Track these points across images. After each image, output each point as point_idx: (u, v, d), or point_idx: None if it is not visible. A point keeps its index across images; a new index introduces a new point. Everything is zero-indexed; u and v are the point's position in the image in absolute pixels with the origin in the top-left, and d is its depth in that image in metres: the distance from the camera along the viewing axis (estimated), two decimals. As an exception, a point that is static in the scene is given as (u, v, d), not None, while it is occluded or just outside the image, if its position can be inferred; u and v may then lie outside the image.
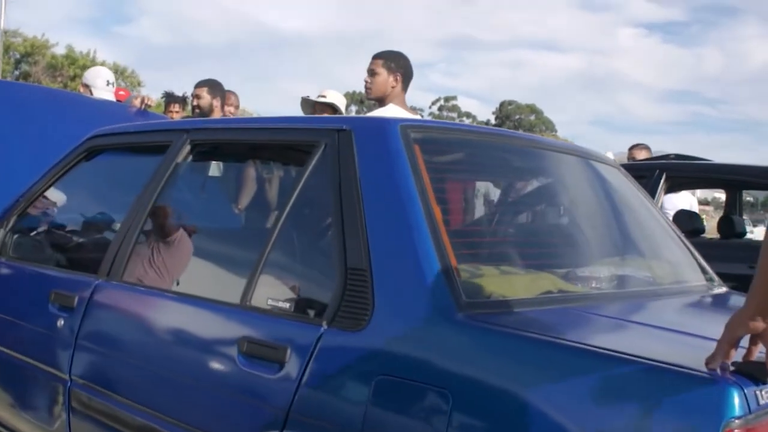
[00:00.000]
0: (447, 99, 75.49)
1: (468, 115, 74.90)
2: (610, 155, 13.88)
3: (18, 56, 42.69)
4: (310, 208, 2.70)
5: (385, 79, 4.33)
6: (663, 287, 2.84)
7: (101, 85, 5.95)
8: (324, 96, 5.80)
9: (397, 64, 4.35)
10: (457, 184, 2.72)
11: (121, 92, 6.84)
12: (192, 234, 3.18)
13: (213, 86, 5.67)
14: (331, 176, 2.39)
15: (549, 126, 72.21)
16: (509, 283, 2.28)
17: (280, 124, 2.81)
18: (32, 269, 3.43)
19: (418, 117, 4.42)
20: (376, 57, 4.40)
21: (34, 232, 3.77)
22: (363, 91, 4.58)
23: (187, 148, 2.94)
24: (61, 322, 2.97)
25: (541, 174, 3.00)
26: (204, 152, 3.01)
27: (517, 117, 73.88)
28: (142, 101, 5.50)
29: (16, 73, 42.10)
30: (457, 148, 2.67)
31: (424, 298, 2.04)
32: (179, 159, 2.94)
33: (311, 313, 2.30)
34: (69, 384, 2.89)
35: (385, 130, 2.39)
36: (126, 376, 2.73)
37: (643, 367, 1.69)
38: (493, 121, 74.20)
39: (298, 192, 2.51)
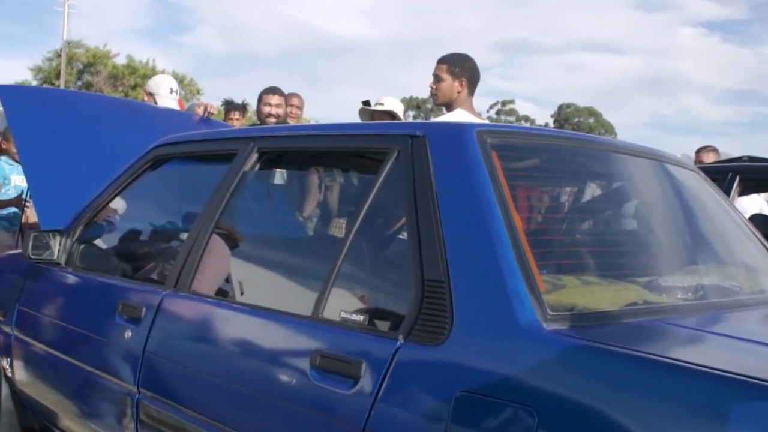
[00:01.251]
0: (504, 103, 74.70)
1: (526, 118, 74.11)
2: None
3: (81, 67, 43.58)
4: (383, 217, 2.62)
5: (450, 84, 4.25)
6: (749, 297, 2.70)
7: (165, 93, 5.95)
8: (382, 103, 5.76)
9: (461, 68, 4.26)
10: (535, 191, 2.62)
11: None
12: (232, 236, 3.11)
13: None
14: (405, 184, 2.31)
15: (608, 129, 71.17)
16: (593, 295, 2.18)
17: (351, 131, 2.74)
18: (99, 280, 3.42)
19: (486, 121, 4.32)
20: (441, 62, 4.31)
21: (101, 242, 3.76)
22: (420, 96, 4.55)
23: (255, 156, 2.89)
24: (128, 334, 2.94)
25: (620, 179, 2.89)
26: (272, 160, 2.96)
27: (576, 120, 72.94)
28: (205, 109, 5.48)
29: (79, 83, 42.98)
30: (534, 154, 2.57)
31: (507, 311, 1.94)
32: (246, 167, 2.89)
33: (386, 326, 2.23)
34: (137, 396, 2.86)
35: (461, 136, 2.31)
36: (195, 390, 2.68)
37: (753, 388, 1.58)
38: (551, 125, 73.43)
39: (370, 201, 2.43)
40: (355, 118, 5.96)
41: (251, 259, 3.08)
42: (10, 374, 3.84)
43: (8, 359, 3.83)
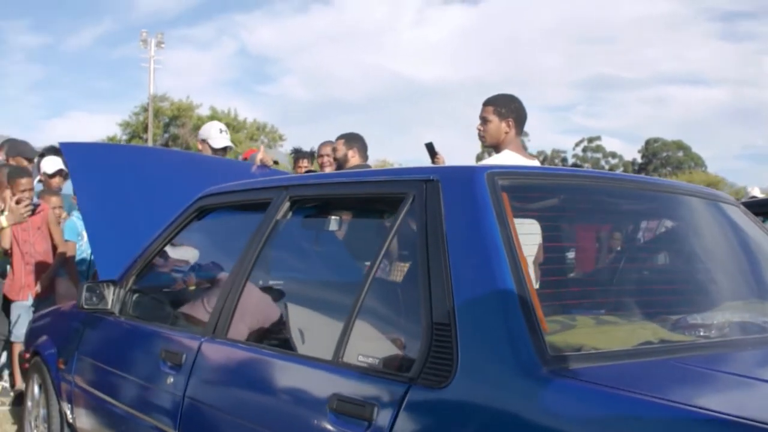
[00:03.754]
0: (590, 140, 73.90)
1: (613, 155, 73.14)
2: (756, 191, 13.12)
3: (167, 120, 44.94)
4: (400, 261, 2.65)
5: (497, 125, 4.25)
6: None
7: (215, 135, 6.19)
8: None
9: (507, 108, 4.25)
10: (552, 232, 2.61)
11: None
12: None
13: (349, 138, 5.77)
14: (419, 228, 2.35)
15: (698, 162, 69.74)
16: (604, 335, 2.17)
17: (371, 177, 2.80)
18: (147, 327, 3.52)
19: (534, 162, 4.30)
20: (486, 104, 4.31)
21: (151, 290, 3.88)
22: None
23: (287, 204, 2.97)
24: (170, 380, 3.02)
25: (647, 215, 2.87)
26: (302, 208, 3.03)
27: (665, 154, 71.71)
28: (261, 159, 5.65)
29: (166, 135, 44.34)
30: (550, 194, 2.58)
31: (506, 353, 1.95)
32: (279, 216, 2.97)
33: (399, 369, 2.25)
34: (178, 441, 2.93)
35: (470, 179, 2.34)
36: (228, 434, 2.74)
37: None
38: (639, 160, 72.33)
39: (387, 245, 2.48)
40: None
41: (282, 304, 3.15)
42: (71, 420, 3.98)
43: (70, 405, 3.97)
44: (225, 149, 6.23)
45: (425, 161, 5.08)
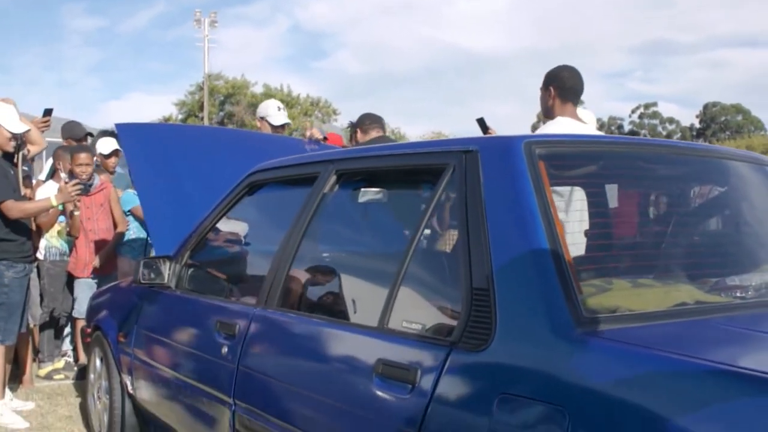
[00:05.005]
0: (647, 106, 72.69)
1: (671, 120, 71.94)
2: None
3: (222, 98, 45.41)
4: (442, 230, 2.71)
5: (542, 94, 4.28)
6: None
7: (273, 113, 6.33)
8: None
9: (549, 78, 4.23)
10: (591, 198, 2.65)
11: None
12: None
13: (359, 121, 5.87)
14: (459, 197, 2.42)
15: (758, 125, 68.19)
16: (640, 297, 2.22)
17: (413, 149, 2.87)
18: (202, 300, 3.65)
19: (588, 127, 4.28)
20: None
21: (206, 265, 4.00)
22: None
23: (333, 178, 3.06)
24: (225, 350, 3.14)
25: (684, 180, 2.89)
26: (348, 181, 3.11)
27: (723, 119, 70.33)
28: (310, 135, 5.77)
29: (221, 113, 44.84)
30: (588, 161, 2.62)
31: (541, 316, 2.02)
32: (326, 189, 3.05)
33: (441, 334, 2.32)
34: (233, 407, 3.05)
35: (508, 148, 2.39)
36: (278, 399, 2.84)
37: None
38: (697, 125, 71.10)
39: (429, 215, 2.55)
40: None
41: (329, 274, 3.24)
42: (131, 391, 4.14)
43: (130, 377, 4.13)
44: (284, 126, 6.36)
45: (480, 134, 5.12)
